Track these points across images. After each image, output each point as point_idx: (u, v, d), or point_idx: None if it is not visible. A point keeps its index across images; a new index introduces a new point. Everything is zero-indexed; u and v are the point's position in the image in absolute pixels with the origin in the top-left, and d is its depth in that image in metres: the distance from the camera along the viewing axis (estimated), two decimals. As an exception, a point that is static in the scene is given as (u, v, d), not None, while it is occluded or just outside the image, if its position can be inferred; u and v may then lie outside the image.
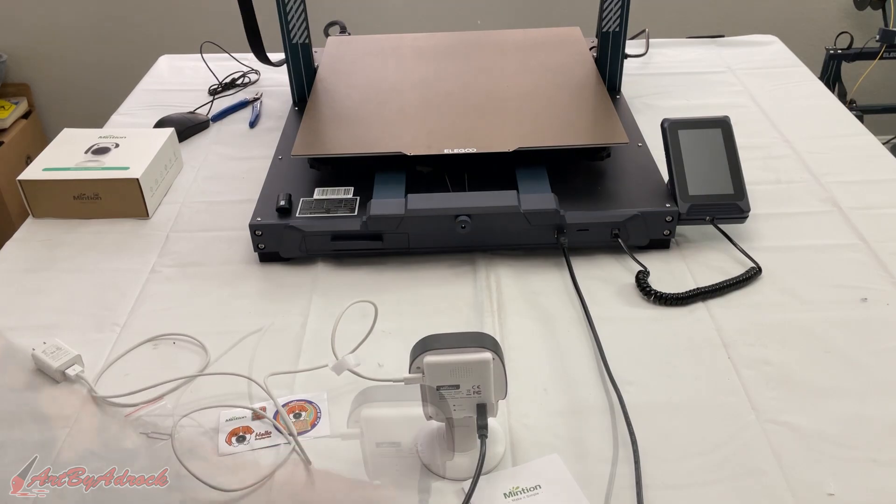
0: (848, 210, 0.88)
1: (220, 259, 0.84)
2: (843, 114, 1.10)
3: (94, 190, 0.89)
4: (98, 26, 2.20)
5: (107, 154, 0.93)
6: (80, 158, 0.92)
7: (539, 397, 0.66)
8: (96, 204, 0.90)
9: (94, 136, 0.97)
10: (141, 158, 0.92)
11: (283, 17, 1.01)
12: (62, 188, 0.89)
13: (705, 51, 1.30)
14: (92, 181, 0.89)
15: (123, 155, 0.92)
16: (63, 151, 0.94)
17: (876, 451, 0.59)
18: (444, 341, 0.52)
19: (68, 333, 0.74)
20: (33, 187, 0.89)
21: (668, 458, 0.60)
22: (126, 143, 0.95)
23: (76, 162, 0.91)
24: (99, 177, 0.89)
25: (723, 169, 0.82)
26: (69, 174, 0.89)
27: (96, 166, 0.90)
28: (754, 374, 0.67)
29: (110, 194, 0.89)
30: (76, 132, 0.98)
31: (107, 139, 0.96)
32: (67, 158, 0.92)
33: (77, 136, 0.97)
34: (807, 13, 2.22)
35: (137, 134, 0.98)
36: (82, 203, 0.90)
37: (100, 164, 0.91)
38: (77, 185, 0.89)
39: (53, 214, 0.91)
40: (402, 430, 0.61)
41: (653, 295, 0.75)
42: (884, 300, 0.75)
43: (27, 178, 0.89)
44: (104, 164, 0.91)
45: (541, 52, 1.08)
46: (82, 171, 0.89)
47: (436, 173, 0.88)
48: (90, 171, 0.89)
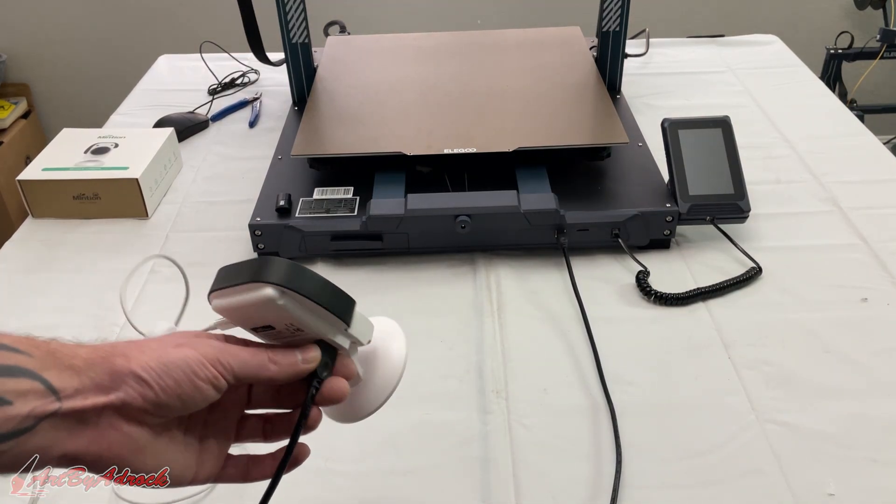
0: (848, 210, 0.88)
1: (220, 259, 0.84)
2: (843, 113, 1.10)
3: (93, 190, 0.89)
4: (98, 26, 2.20)
5: (106, 154, 0.93)
6: (79, 158, 0.92)
7: (539, 397, 0.66)
8: (96, 204, 0.90)
9: (93, 136, 0.97)
10: (140, 158, 0.91)
11: (283, 16, 1.01)
12: (61, 188, 0.89)
13: (705, 50, 1.30)
14: (91, 181, 0.89)
15: (123, 155, 0.92)
16: (62, 151, 0.94)
17: (876, 452, 0.59)
18: (232, 275, 0.39)
19: (68, 333, 0.73)
20: (33, 187, 0.89)
21: (667, 458, 0.60)
22: (125, 142, 0.95)
23: (76, 162, 0.91)
24: (98, 177, 0.89)
25: (723, 169, 0.82)
26: (68, 174, 0.89)
27: (96, 166, 0.90)
28: (754, 373, 0.67)
29: (110, 194, 0.89)
30: (75, 132, 0.98)
31: (106, 139, 0.96)
32: (67, 158, 0.92)
33: (76, 135, 0.97)
34: (807, 13, 2.22)
35: (137, 134, 0.98)
36: (81, 203, 0.90)
37: (99, 164, 0.91)
38: (76, 185, 0.89)
39: (53, 214, 0.91)
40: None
41: (653, 295, 0.75)
42: (884, 300, 0.75)
43: (26, 178, 0.89)
44: (104, 164, 0.91)
45: (541, 51, 1.08)
46: (82, 172, 0.89)
47: (436, 173, 0.88)
48: (90, 172, 0.89)
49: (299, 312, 0.39)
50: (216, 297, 0.40)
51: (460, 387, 0.67)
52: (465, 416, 0.64)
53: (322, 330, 0.41)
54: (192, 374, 0.38)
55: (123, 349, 0.38)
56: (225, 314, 0.41)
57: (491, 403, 0.65)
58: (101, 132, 0.98)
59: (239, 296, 0.39)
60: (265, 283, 0.38)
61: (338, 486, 0.59)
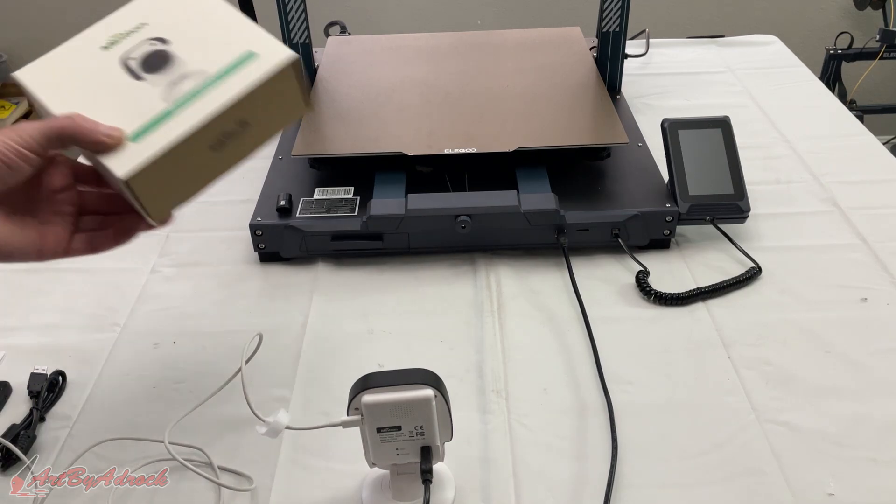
0: (848, 210, 0.88)
1: (220, 259, 0.84)
2: (843, 114, 1.10)
3: (239, 116, 0.54)
4: (98, 26, 2.20)
5: (173, 62, 0.55)
6: (147, 96, 0.53)
7: (539, 397, 0.66)
8: (240, 139, 0.55)
9: (108, 41, 0.56)
10: (237, 34, 0.57)
11: (283, 16, 1.01)
12: (187, 149, 0.53)
13: (705, 51, 1.30)
14: (225, 111, 0.53)
15: (197, 47, 0.56)
16: (95, 94, 0.54)
17: (876, 451, 0.60)
18: (383, 379, 0.49)
19: (69, 333, 0.74)
20: (144, 180, 0.63)
21: (667, 458, 0.60)
22: (174, 30, 0.57)
23: (150, 105, 0.52)
24: (230, 95, 0.53)
25: (723, 169, 0.82)
26: (178, 123, 0.52)
27: (192, 89, 0.53)
28: (754, 373, 0.67)
29: (261, 106, 0.55)
30: (68, 49, 0.57)
31: (135, 34, 0.56)
32: (128, 107, 0.52)
33: (76, 58, 0.56)
34: (807, 13, 2.22)
35: (168, 5, 0.58)
36: (218, 153, 0.54)
37: (184, 81, 0.53)
38: (207, 130, 0.53)
39: (179, 199, 0.77)
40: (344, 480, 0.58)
41: (653, 295, 0.75)
42: (884, 300, 0.75)
43: (130, 171, 0.59)
44: (192, 77, 0.53)
45: (541, 52, 1.08)
46: (186, 108, 0.52)
47: (436, 173, 0.88)
48: (197, 101, 0.53)
49: (436, 415, 0.49)
50: (369, 394, 0.48)
51: (460, 386, 0.67)
52: (465, 416, 0.64)
53: (438, 437, 0.51)
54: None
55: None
56: (369, 410, 0.49)
57: (491, 403, 0.65)
58: (114, 26, 0.57)
59: (400, 394, 0.48)
60: (427, 386, 0.49)
61: (338, 486, 0.59)
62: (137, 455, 0.61)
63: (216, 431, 0.63)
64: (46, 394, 0.66)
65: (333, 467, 0.60)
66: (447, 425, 0.51)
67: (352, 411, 0.49)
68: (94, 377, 0.69)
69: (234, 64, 0.54)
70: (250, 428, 0.62)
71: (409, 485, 0.54)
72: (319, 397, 0.66)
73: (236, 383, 0.52)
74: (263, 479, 0.59)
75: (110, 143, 0.50)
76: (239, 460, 0.61)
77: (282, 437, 0.61)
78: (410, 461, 0.52)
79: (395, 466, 0.54)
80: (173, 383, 0.68)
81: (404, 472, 0.54)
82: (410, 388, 0.49)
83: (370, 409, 0.49)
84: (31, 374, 0.67)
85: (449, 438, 0.52)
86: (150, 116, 0.52)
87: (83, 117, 0.50)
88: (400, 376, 0.49)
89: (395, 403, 0.48)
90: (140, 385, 0.68)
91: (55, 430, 0.64)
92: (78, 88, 0.54)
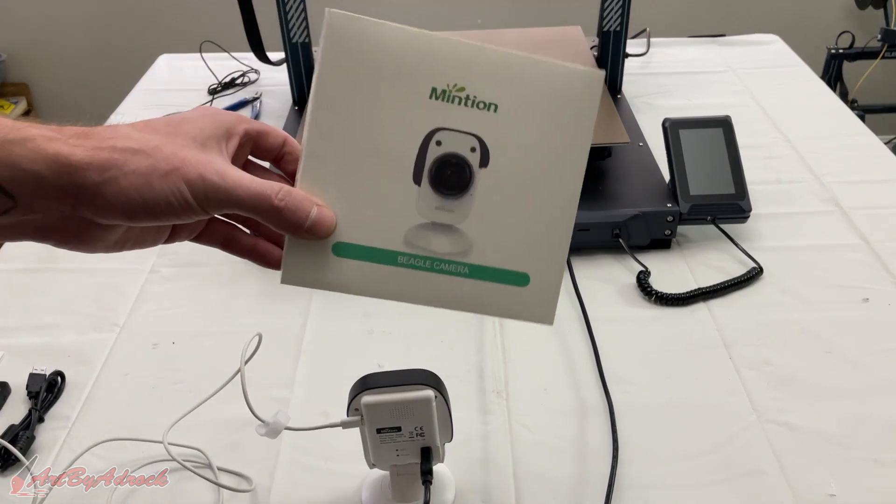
0: (849, 210, 0.88)
1: (219, 259, 0.84)
2: (844, 113, 1.10)
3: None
4: (97, 25, 2.20)
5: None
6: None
7: (539, 397, 0.65)
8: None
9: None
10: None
11: (283, 16, 1.01)
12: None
13: (706, 50, 1.30)
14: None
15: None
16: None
17: (877, 452, 0.59)
18: (383, 379, 0.49)
19: (68, 333, 0.74)
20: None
21: (668, 458, 0.59)
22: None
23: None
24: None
25: (724, 169, 0.82)
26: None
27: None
28: (755, 374, 0.67)
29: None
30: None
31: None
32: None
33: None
34: (808, 12, 2.22)
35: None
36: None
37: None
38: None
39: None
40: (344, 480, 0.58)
41: (654, 295, 0.75)
42: (885, 300, 0.74)
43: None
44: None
45: (541, 51, 1.07)
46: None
47: (436, 173, 0.88)
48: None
49: (436, 416, 0.49)
50: (369, 394, 0.48)
51: (461, 387, 0.67)
52: (466, 416, 0.64)
53: (438, 438, 0.50)
54: (171, 214, 0.38)
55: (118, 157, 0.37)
56: (369, 410, 0.48)
57: (491, 403, 0.65)
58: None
59: (399, 394, 0.48)
60: (427, 386, 0.48)
61: (338, 487, 0.58)
62: (137, 455, 0.61)
63: (216, 432, 0.63)
64: (45, 394, 0.65)
65: (333, 468, 0.60)
66: (447, 426, 0.51)
67: (351, 412, 0.49)
68: (94, 377, 0.69)
69: (504, 276, 0.42)
70: (250, 428, 0.62)
71: (409, 486, 0.54)
72: (319, 397, 0.66)
73: (236, 383, 0.52)
74: (263, 479, 0.59)
75: (306, 237, 0.40)
76: (239, 461, 0.60)
77: (281, 438, 0.61)
78: (410, 462, 0.52)
79: (395, 467, 0.54)
80: (173, 383, 0.68)
81: (404, 472, 0.53)
82: (410, 388, 0.48)
83: (370, 409, 0.48)
84: (29, 375, 0.67)
85: (449, 439, 0.52)
86: (384, 245, 0.41)
87: (299, 197, 0.39)
88: (400, 377, 0.49)
89: (395, 404, 0.48)
90: (139, 385, 0.68)
91: (54, 431, 0.63)
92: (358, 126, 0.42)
